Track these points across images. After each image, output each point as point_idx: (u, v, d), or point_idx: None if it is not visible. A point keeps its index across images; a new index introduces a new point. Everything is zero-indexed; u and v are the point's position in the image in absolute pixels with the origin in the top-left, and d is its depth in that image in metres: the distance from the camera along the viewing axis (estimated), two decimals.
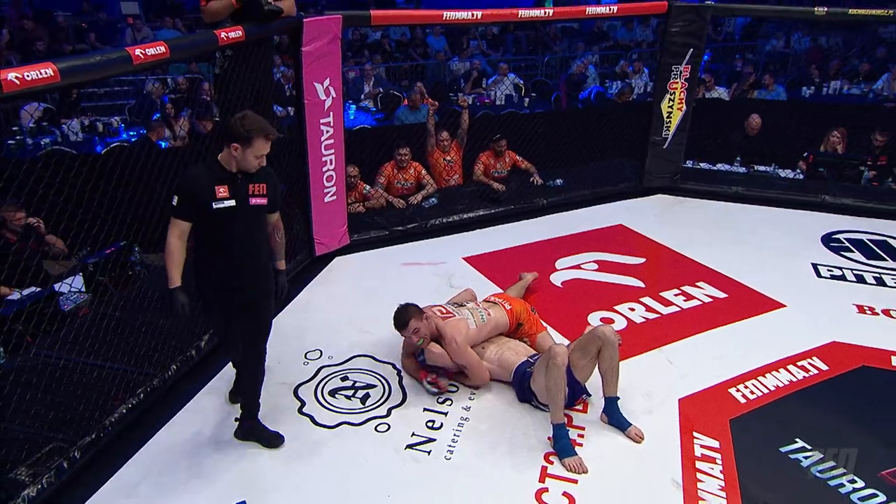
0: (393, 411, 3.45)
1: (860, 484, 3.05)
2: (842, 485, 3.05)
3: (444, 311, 3.67)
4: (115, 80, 9.66)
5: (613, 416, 3.36)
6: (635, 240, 5.52)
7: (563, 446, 3.15)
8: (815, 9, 5.76)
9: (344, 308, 4.40)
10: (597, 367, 3.35)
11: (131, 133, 7.56)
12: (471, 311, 3.71)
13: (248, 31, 3.69)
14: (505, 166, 6.44)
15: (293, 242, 4.80)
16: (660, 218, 5.97)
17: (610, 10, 5.69)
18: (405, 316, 3.51)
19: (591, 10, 5.73)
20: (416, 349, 3.61)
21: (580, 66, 11.36)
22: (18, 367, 3.38)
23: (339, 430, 3.31)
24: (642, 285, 4.73)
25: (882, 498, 2.97)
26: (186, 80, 8.94)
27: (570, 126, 7.09)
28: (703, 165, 7.14)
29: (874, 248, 5.51)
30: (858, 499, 2.98)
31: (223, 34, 3.49)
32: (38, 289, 4.28)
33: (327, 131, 4.59)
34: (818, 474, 3.12)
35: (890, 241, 5.62)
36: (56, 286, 4.28)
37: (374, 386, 3.65)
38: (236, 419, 3.22)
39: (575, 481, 3.01)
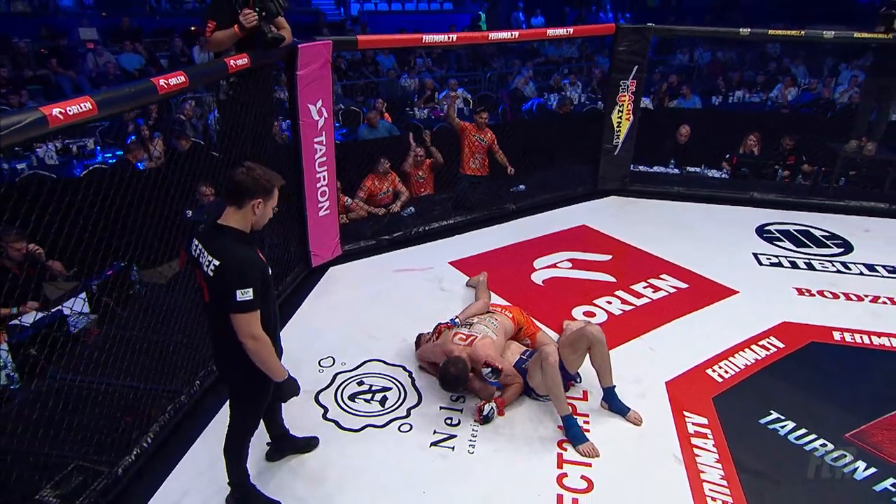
0: (412, 411, 3.39)
1: (830, 447, 3.21)
2: (816, 449, 3.20)
3: (464, 336, 3.53)
4: None
5: (613, 404, 3.41)
6: (599, 238, 5.61)
7: (574, 434, 3.17)
8: (740, 29, 6.00)
9: (348, 315, 4.29)
10: (590, 363, 3.38)
11: (107, 155, 7.15)
12: (484, 323, 3.65)
13: (254, 58, 3.53)
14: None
15: (289, 257, 4.65)
16: (616, 217, 6.09)
17: (568, 31, 5.73)
18: (461, 380, 3.30)
19: (552, 32, 5.74)
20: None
21: (522, 81, 11.48)
22: (44, 391, 3.12)
23: (364, 433, 3.23)
24: (614, 280, 4.81)
25: (850, 457, 3.14)
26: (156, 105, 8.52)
27: (526, 136, 7.15)
28: (641, 168, 7.35)
29: (800, 237, 5.80)
30: (831, 460, 3.13)
31: (232, 62, 3.33)
32: (44, 313, 3.99)
33: (320, 149, 4.46)
34: (794, 440, 3.26)
35: (811, 230, 5.93)
36: (62, 309, 4.00)
37: (390, 388, 3.58)
38: (268, 443, 3.04)
39: (589, 465, 3.04)
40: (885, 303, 4.63)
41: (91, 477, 2.69)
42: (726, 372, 3.76)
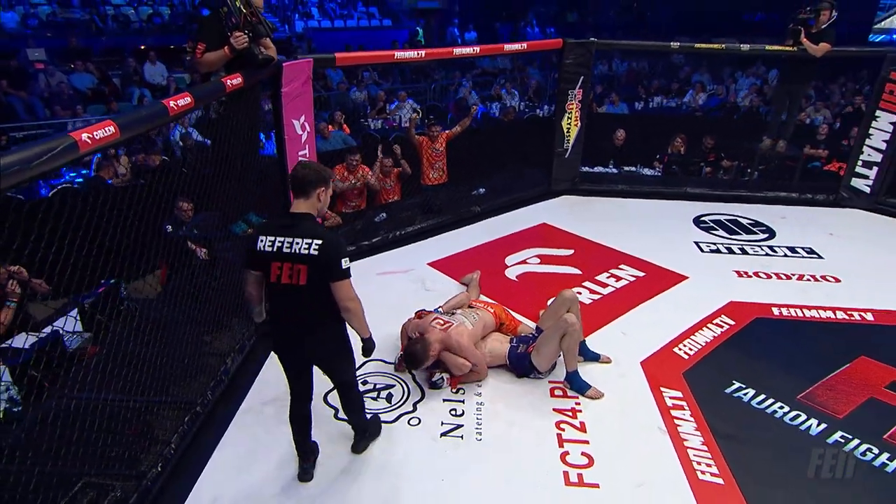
0: (418, 406, 3.39)
1: (787, 409, 3.42)
2: (775, 411, 3.41)
3: (442, 322, 3.61)
4: (37, 122, 8.58)
5: (587, 353, 3.70)
6: (560, 235, 5.74)
7: (579, 385, 3.42)
8: (671, 43, 6.28)
9: None
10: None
11: (72, 174, 6.71)
12: (464, 315, 3.70)
13: (246, 78, 3.42)
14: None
15: None
16: (571, 215, 6.25)
17: (522, 46, 5.83)
18: (418, 359, 3.39)
19: (508, 47, 5.82)
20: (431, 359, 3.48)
21: (466, 91, 11.57)
22: (53, 411, 2.92)
23: None
24: (580, 272, 4.94)
25: (804, 416, 3.36)
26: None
27: (479, 143, 7.22)
28: (584, 168, 7.56)
29: (731, 225, 6.13)
30: (789, 419, 3.34)
31: (229, 82, 3.22)
32: (37, 334, 3.73)
33: None
34: (756, 405, 3.46)
35: (739, 219, 6.29)
36: (55, 328, 3.75)
37: (393, 386, 3.55)
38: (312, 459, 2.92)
39: (587, 441, 3.13)
40: (808, 280, 4.96)
41: (103, 493, 2.55)
42: (690, 349, 3.94)
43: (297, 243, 2.35)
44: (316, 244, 2.34)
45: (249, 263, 2.51)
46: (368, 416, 3.05)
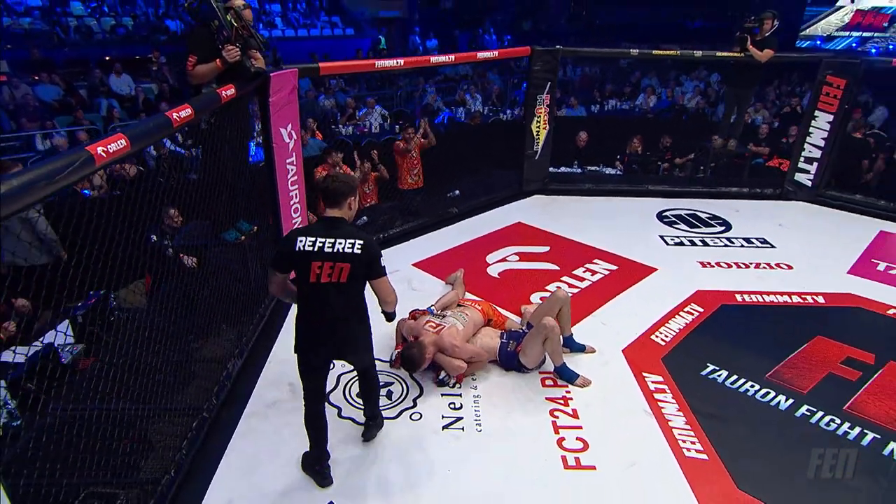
0: (417, 401, 3.40)
1: (758, 387, 3.59)
2: (747, 390, 3.57)
3: (434, 324, 3.63)
4: (3, 134, 8.18)
5: (573, 345, 3.79)
6: (535, 233, 5.84)
7: (568, 376, 3.52)
8: (630, 50, 6.46)
9: None
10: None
11: None
12: (454, 316, 3.73)
13: (238, 89, 3.37)
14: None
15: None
16: (544, 214, 6.35)
17: (494, 54, 5.90)
18: (415, 363, 3.42)
19: (482, 55, 5.88)
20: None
21: (432, 97, 11.59)
22: (57, 423, 2.81)
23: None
24: (558, 268, 5.04)
25: (773, 393, 3.53)
26: (87, 133, 7.80)
27: (452, 146, 7.25)
28: (551, 169, 7.69)
29: (690, 219, 6.36)
30: (760, 397, 3.50)
31: (223, 93, 3.16)
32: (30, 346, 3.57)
33: (292, 169, 4.31)
34: (730, 385, 3.61)
35: (697, 213, 6.52)
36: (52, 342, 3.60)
37: (392, 383, 3.56)
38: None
39: (580, 427, 3.21)
40: (764, 268, 5.20)
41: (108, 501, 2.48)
42: (666, 336, 4.08)
43: (340, 243, 2.45)
44: (359, 244, 2.46)
45: (280, 265, 2.56)
46: None
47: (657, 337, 4.06)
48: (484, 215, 6.29)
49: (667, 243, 5.67)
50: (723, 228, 6.10)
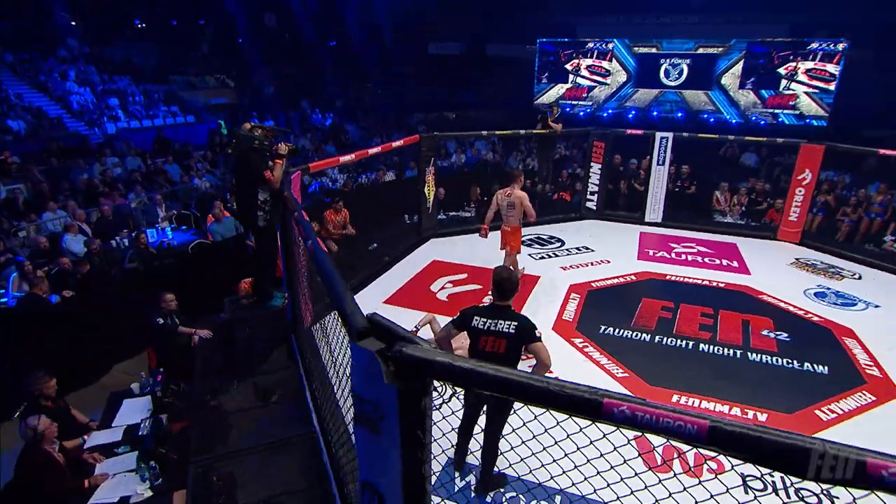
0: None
1: (630, 331, 5.24)
2: (626, 334, 5.20)
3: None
4: None
5: None
6: (450, 266, 6.93)
7: None
8: (483, 132, 8.06)
9: None
10: None
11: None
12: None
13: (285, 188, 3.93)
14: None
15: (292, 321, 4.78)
16: (446, 251, 7.48)
17: (400, 143, 6.94)
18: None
19: (396, 143, 6.86)
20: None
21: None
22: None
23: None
24: (481, 287, 6.24)
25: (639, 333, 5.19)
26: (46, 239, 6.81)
27: (359, 207, 7.95)
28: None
29: (539, 241, 8.10)
30: (633, 336, 5.14)
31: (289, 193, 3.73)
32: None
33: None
34: (618, 335, 5.18)
35: (542, 235, 8.30)
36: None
37: None
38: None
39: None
40: (595, 264, 7.09)
41: None
42: (570, 315, 5.56)
43: (500, 324, 2.88)
44: (513, 325, 2.88)
45: (460, 325, 2.96)
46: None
47: (567, 315, 5.51)
48: (407, 258, 7.18)
49: (535, 259, 7.28)
50: (560, 244, 7.96)
